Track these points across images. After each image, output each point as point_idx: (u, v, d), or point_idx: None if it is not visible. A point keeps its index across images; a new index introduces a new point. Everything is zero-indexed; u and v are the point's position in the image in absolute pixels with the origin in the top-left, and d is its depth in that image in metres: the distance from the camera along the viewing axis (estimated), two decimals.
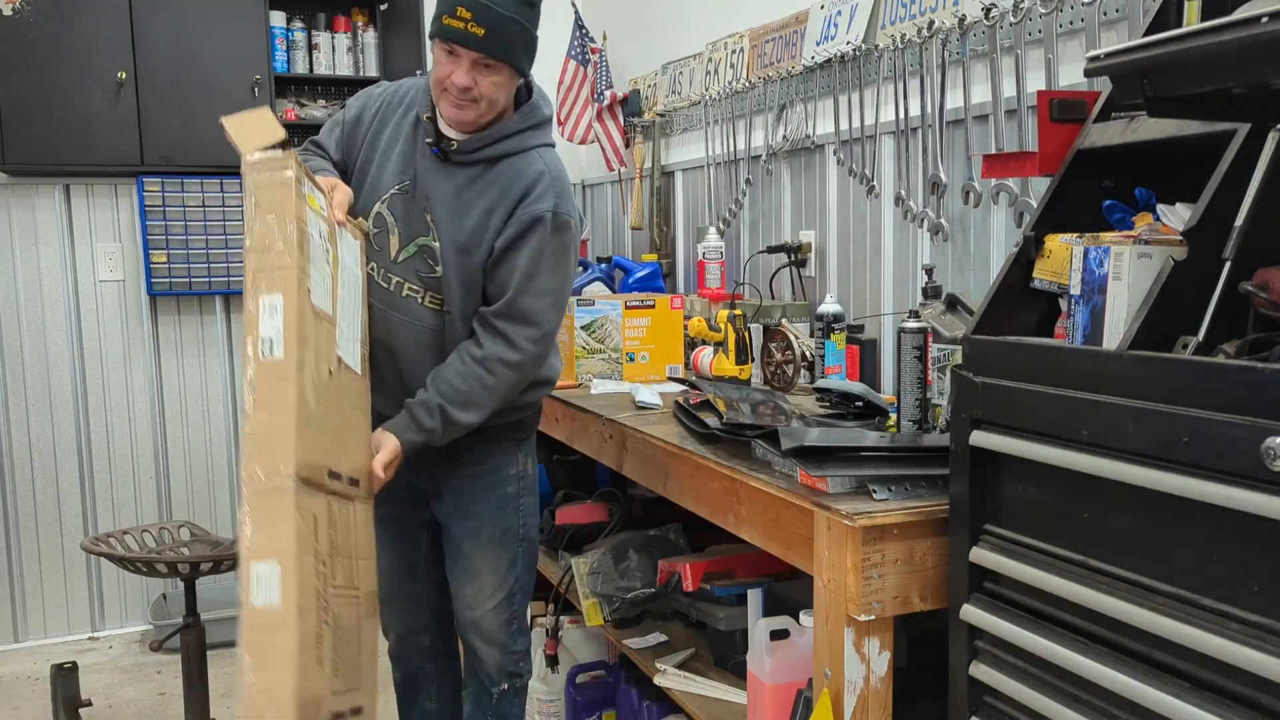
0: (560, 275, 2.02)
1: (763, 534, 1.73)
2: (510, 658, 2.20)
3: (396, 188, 2.00)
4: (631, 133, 3.84)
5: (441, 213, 1.98)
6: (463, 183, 1.98)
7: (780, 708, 1.82)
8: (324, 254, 1.69)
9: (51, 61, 3.51)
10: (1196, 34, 1.03)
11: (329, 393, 1.65)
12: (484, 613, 2.15)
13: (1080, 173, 1.47)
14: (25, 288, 3.79)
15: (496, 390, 1.97)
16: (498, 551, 2.14)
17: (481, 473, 2.13)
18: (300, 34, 3.92)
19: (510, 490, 2.15)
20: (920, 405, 1.81)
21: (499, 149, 1.99)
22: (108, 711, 3.31)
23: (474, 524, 2.13)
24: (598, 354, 2.75)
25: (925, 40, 2.26)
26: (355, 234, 1.90)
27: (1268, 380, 0.99)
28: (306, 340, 1.58)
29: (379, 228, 2.01)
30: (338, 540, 1.64)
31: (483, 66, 1.89)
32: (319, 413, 1.59)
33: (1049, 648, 1.27)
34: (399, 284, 2.00)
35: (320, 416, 1.60)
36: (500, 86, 1.93)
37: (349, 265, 1.82)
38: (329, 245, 1.72)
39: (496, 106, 1.96)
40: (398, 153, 2.02)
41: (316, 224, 1.68)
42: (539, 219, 1.96)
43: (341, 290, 1.75)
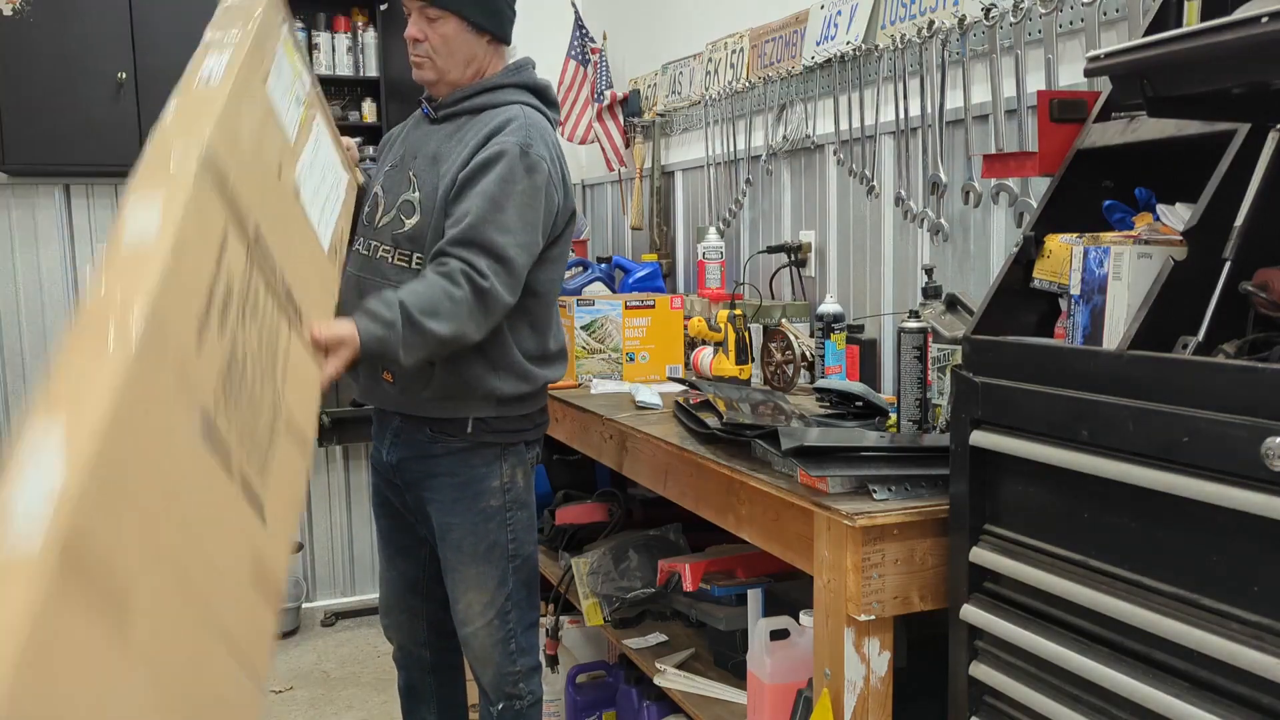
0: (529, 216, 1.90)
1: (763, 534, 1.73)
2: (506, 678, 2.12)
3: (389, 166, 2.07)
4: (631, 133, 3.84)
5: (423, 164, 2.00)
6: (446, 134, 2.02)
7: (780, 708, 1.82)
8: (291, 92, 1.60)
9: (51, 61, 3.51)
10: (1196, 34, 1.03)
11: (272, 185, 1.51)
12: (474, 630, 2.09)
13: (1080, 173, 1.47)
14: (25, 288, 3.79)
15: (461, 304, 1.81)
16: (482, 567, 2.06)
17: (460, 483, 2.05)
18: (300, 34, 3.92)
19: (493, 504, 2.06)
20: (920, 405, 1.81)
21: (480, 100, 2.02)
22: None
23: (455, 537, 2.06)
24: (598, 354, 2.75)
25: (925, 40, 2.26)
26: (346, 168, 1.86)
27: (1268, 380, 0.99)
28: (251, 99, 1.45)
29: (372, 204, 2.05)
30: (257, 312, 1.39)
31: (429, 18, 1.96)
32: (251, 160, 1.41)
33: (1049, 648, 1.27)
34: (375, 247, 2.02)
35: (252, 167, 1.42)
36: (450, 39, 1.97)
37: (325, 160, 1.75)
38: (302, 105, 1.64)
39: (455, 62, 2.00)
40: (398, 143, 2.12)
41: (286, 73, 1.59)
42: (506, 150, 1.90)
43: (310, 156, 1.68)
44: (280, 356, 1.48)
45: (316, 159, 1.72)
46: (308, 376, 1.60)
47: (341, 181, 1.84)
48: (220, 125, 1.35)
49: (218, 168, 1.32)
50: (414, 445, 2.07)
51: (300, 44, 1.72)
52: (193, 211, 1.23)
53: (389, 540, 2.25)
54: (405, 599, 2.26)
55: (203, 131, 1.30)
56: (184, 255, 1.18)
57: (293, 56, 1.63)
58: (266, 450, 1.38)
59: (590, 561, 2.55)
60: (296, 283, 1.57)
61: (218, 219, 1.32)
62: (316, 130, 1.73)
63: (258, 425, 1.36)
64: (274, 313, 1.48)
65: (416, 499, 2.12)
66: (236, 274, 1.34)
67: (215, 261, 1.27)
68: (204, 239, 1.27)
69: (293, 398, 1.51)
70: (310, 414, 1.59)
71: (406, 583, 2.25)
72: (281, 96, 1.58)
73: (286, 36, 1.62)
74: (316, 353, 1.62)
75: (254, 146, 1.46)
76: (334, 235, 1.76)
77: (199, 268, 1.24)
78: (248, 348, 1.35)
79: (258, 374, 1.38)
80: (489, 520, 2.06)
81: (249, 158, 1.43)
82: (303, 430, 1.52)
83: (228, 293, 1.31)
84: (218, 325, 1.26)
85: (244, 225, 1.39)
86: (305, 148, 1.67)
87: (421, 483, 2.08)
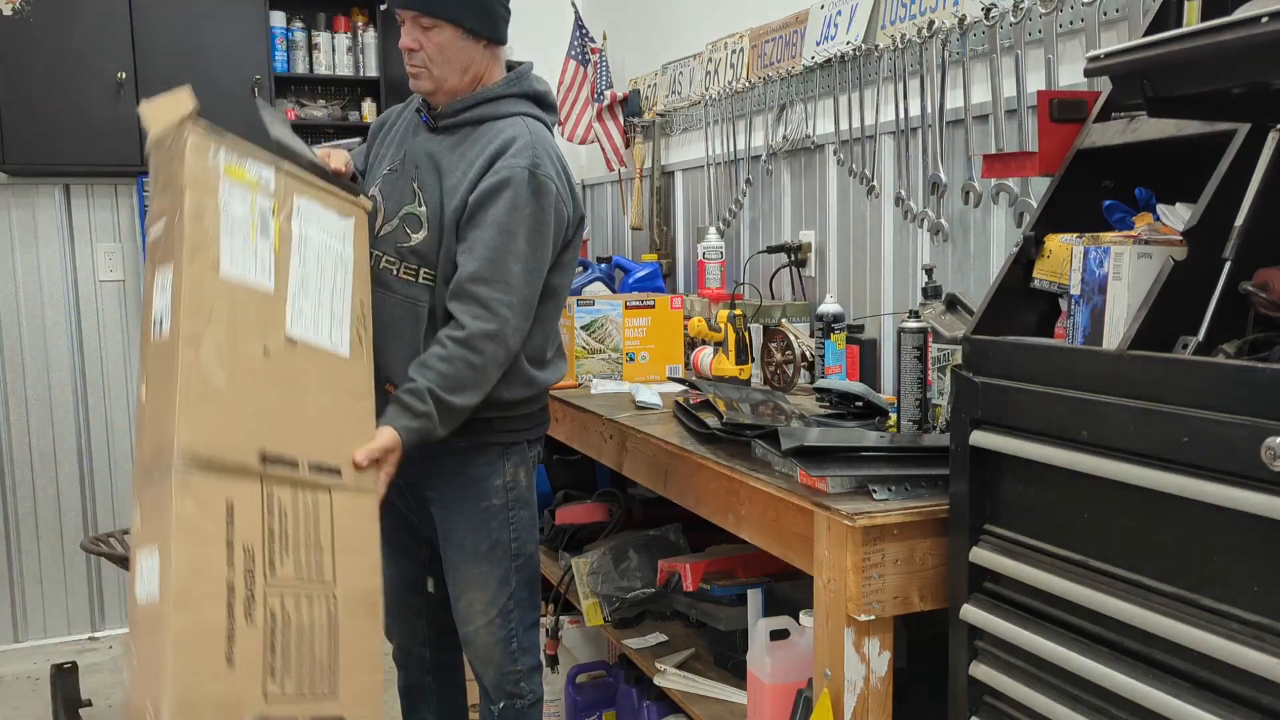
0: (538, 241, 1.94)
1: (763, 534, 1.73)
2: (508, 677, 2.12)
3: (388, 169, 2.05)
4: (631, 133, 3.84)
5: (427, 177, 1.98)
6: (448, 146, 2.00)
7: (780, 708, 1.82)
8: (254, 227, 1.59)
9: (51, 61, 3.51)
10: (1196, 34, 1.03)
11: (265, 373, 1.56)
12: (475, 629, 2.09)
13: (1080, 173, 1.47)
14: (25, 288, 3.79)
15: (485, 369, 1.90)
16: (484, 566, 2.06)
17: (464, 482, 2.05)
18: (300, 34, 3.92)
19: (496, 502, 2.06)
20: (920, 405, 1.81)
21: (481, 111, 2.00)
22: (108, 711, 3.31)
23: (457, 536, 2.07)
24: (598, 354, 2.75)
25: (925, 40, 2.26)
26: (348, 209, 1.81)
27: (1268, 380, 0.99)
28: (207, 314, 1.48)
29: (371, 211, 2.01)
30: (287, 531, 1.53)
31: (423, 27, 1.94)
32: (233, 392, 1.50)
33: (1049, 648, 1.27)
34: (378, 258, 1.99)
35: (239, 396, 1.51)
36: (445, 48, 1.95)
37: (319, 241, 1.72)
38: (271, 219, 1.63)
39: (452, 70, 1.97)
40: (394, 142, 2.09)
41: (241, 195, 1.58)
42: (514, 176, 1.91)
43: (301, 267, 1.66)
44: (326, 535, 1.61)
45: (307, 262, 1.68)
46: (362, 528, 1.69)
47: (347, 238, 1.79)
48: (186, 410, 1.44)
49: (198, 456, 1.44)
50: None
51: (243, 147, 1.63)
52: (187, 539, 1.39)
53: (388, 539, 2.24)
54: (405, 598, 2.26)
55: (171, 437, 1.42)
56: (190, 597, 1.38)
57: (239, 173, 1.59)
58: (332, 659, 1.56)
59: (590, 561, 2.55)
60: (322, 443, 1.65)
61: (217, 504, 1.45)
62: (299, 220, 1.69)
63: (315, 654, 1.54)
64: (307, 505, 1.59)
65: (419, 499, 2.12)
66: (254, 528, 1.49)
67: (225, 559, 1.44)
68: (207, 551, 1.42)
69: (349, 563, 1.63)
70: (371, 564, 1.69)
71: (405, 581, 2.25)
72: (242, 253, 1.56)
73: (226, 160, 1.58)
74: (369, 470, 1.74)
75: (230, 365, 1.51)
76: (352, 314, 1.76)
77: (211, 586, 1.41)
78: (284, 598, 1.51)
79: (303, 603, 1.54)
80: (492, 519, 2.06)
81: (229, 384, 1.50)
82: (366, 593, 1.66)
83: (249, 563, 1.47)
84: (244, 616, 1.44)
85: (245, 465, 1.51)
86: (291, 266, 1.64)
87: (423, 482, 2.08)
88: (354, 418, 1.74)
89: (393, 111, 2.20)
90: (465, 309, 1.90)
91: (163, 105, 1.61)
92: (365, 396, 1.78)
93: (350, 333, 1.75)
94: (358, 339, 1.76)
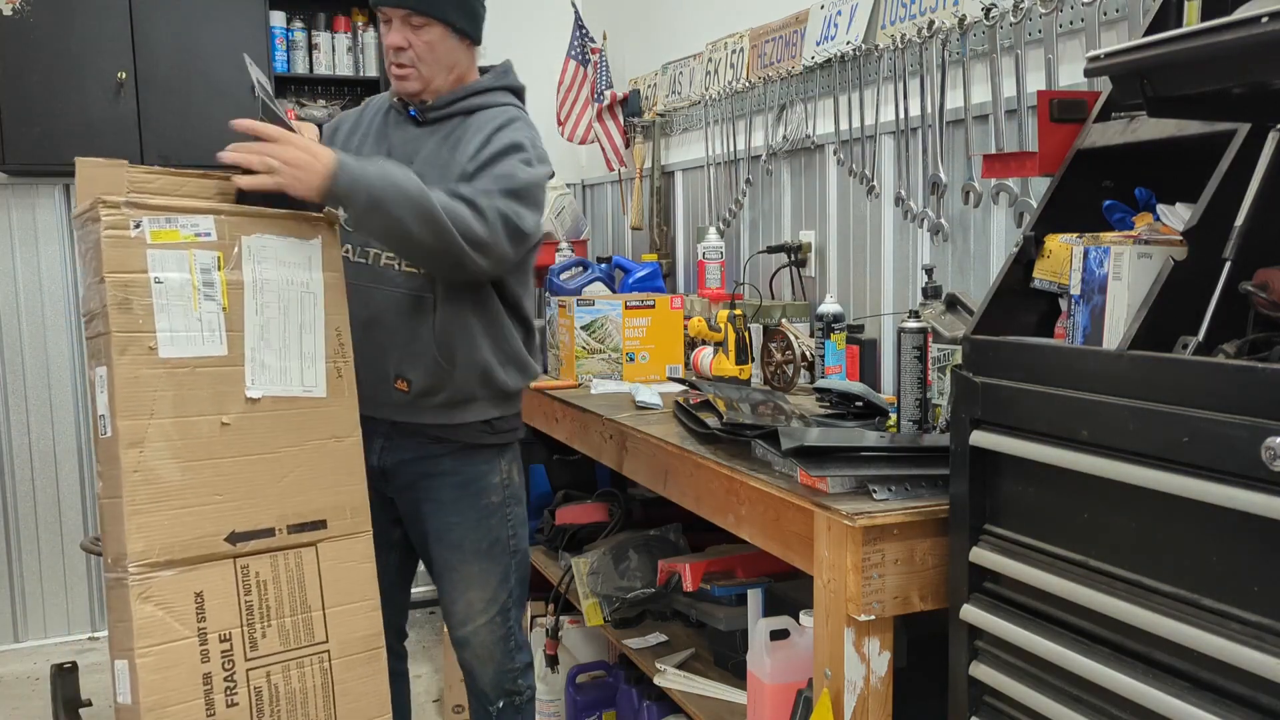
0: (533, 199, 1.94)
1: (763, 534, 1.73)
2: (507, 675, 2.13)
3: None
4: (631, 133, 3.84)
5: (426, 171, 1.95)
6: (439, 139, 2.01)
7: (780, 708, 1.82)
8: (195, 291, 1.54)
9: (51, 61, 3.51)
10: (1196, 34, 1.03)
11: (225, 447, 1.53)
12: (475, 628, 2.09)
13: (1080, 173, 1.47)
14: (25, 288, 3.79)
15: (446, 221, 1.78)
16: (485, 564, 2.07)
17: (462, 482, 2.06)
18: (300, 34, 3.92)
19: (494, 500, 2.08)
20: (920, 405, 1.81)
21: (474, 102, 2.02)
22: (108, 711, 3.31)
23: (456, 535, 2.06)
24: (598, 354, 2.75)
25: (925, 40, 2.26)
26: (310, 231, 1.69)
27: (1268, 380, 0.99)
28: (147, 407, 1.46)
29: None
30: (268, 602, 1.54)
31: (413, 26, 1.94)
32: (188, 481, 1.48)
33: (1049, 648, 1.27)
34: (376, 255, 1.98)
35: (196, 483, 1.49)
36: (434, 46, 1.96)
37: (279, 279, 1.64)
38: (216, 274, 1.57)
39: (439, 69, 1.98)
40: (369, 141, 2.07)
41: (176, 259, 1.52)
42: (520, 143, 1.94)
43: (258, 316, 1.60)
44: (314, 594, 1.62)
45: (266, 309, 1.62)
46: (354, 574, 1.68)
47: (313, 263, 1.68)
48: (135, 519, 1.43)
49: (155, 562, 1.44)
50: (411, 448, 2.06)
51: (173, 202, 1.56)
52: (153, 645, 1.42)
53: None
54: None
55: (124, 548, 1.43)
56: (163, 703, 1.42)
57: (170, 236, 1.53)
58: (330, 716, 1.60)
59: (590, 561, 2.55)
60: (302, 499, 1.62)
61: (185, 600, 1.46)
62: (251, 263, 1.61)
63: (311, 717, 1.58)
64: (290, 569, 1.59)
65: (410, 502, 2.11)
66: (230, 610, 1.51)
67: (198, 652, 1.47)
68: (176, 653, 1.45)
69: (343, 614, 1.64)
70: (368, 606, 1.69)
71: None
72: (184, 326, 1.52)
73: (151, 228, 1.52)
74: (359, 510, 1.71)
75: (183, 454, 1.49)
76: (328, 347, 1.69)
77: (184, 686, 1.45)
78: (270, 672, 1.53)
79: (292, 671, 1.56)
80: (490, 517, 2.07)
81: (183, 475, 1.49)
82: (366, 638, 1.68)
83: (225, 648, 1.49)
84: (225, 704, 1.48)
85: (212, 552, 1.51)
86: (246, 320, 1.59)
87: (417, 484, 2.08)
88: (336, 460, 1.69)
89: (348, 116, 2.18)
90: (460, 192, 1.86)
91: (94, 174, 1.57)
92: (349, 434, 1.72)
93: (326, 368, 1.69)
94: (335, 373, 1.70)
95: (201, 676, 1.46)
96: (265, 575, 1.55)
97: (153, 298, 1.49)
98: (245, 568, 1.53)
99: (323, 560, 1.62)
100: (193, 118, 3.62)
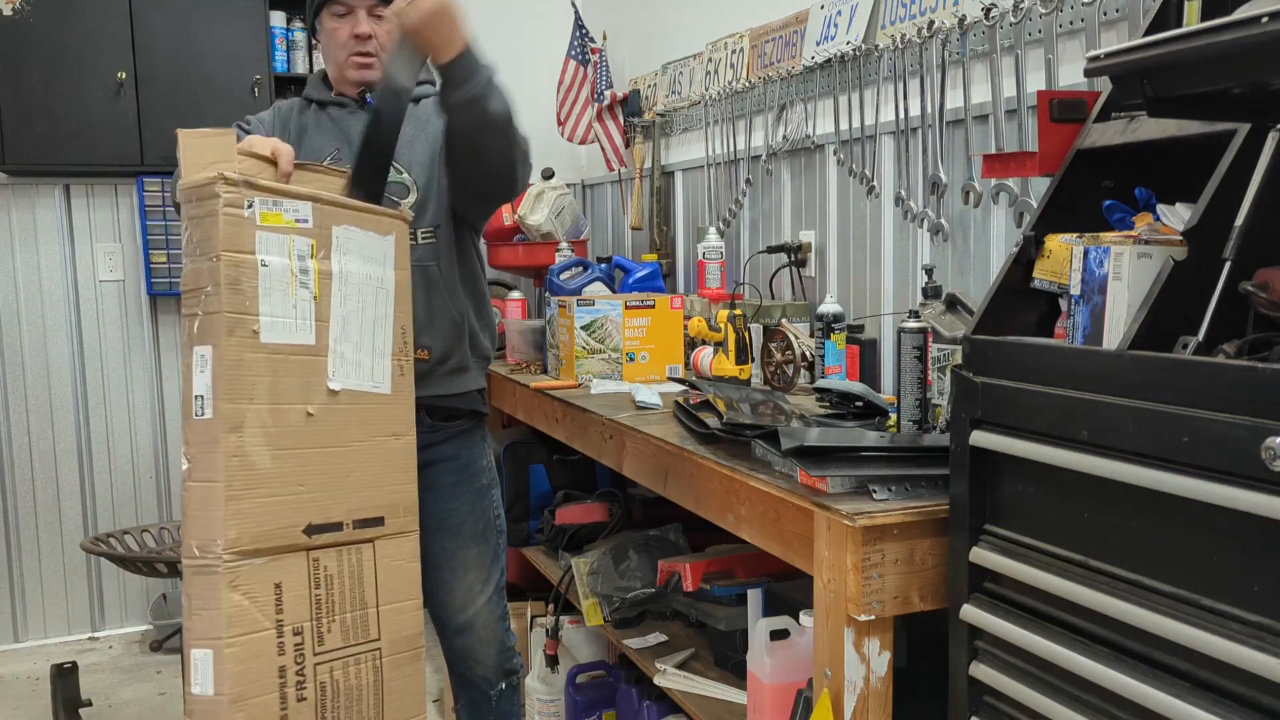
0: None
1: (763, 534, 1.73)
2: (506, 654, 2.20)
3: (329, 160, 1.98)
4: (631, 133, 3.84)
5: (400, 146, 1.94)
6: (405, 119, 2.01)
7: (780, 708, 1.82)
8: (293, 277, 1.55)
9: (51, 61, 3.51)
10: (1196, 34, 1.03)
11: (308, 438, 1.54)
12: (477, 610, 2.14)
13: (1080, 173, 1.47)
14: (25, 288, 3.79)
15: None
16: (480, 546, 2.15)
17: (460, 466, 2.13)
18: (300, 34, 3.92)
19: (485, 482, 2.17)
20: (920, 405, 1.81)
21: (419, 90, 2.04)
22: (108, 711, 3.31)
23: (455, 521, 2.12)
24: (598, 354, 2.75)
25: (925, 40, 2.26)
26: (387, 226, 1.73)
27: (1268, 380, 0.99)
28: (248, 391, 1.46)
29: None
30: (333, 597, 1.55)
31: (377, 17, 2.00)
32: (277, 470, 1.49)
33: (1049, 648, 1.27)
34: None
35: (283, 473, 1.49)
36: (391, 35, 1.97)
37: (360, 273, 1.66)
38: (310, 261, 1.58)
39: None
40: (309, 142, 2.06)
41: (278, 243, 1.53)
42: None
43: (341, 308, 1.62)
44: (370, 592, 1.62)
45: (348, 301, 1.62)
46: (402, 571, 1.69)
47: (388, 259, 1.72)
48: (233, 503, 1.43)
49: (245, 550, 1.44)
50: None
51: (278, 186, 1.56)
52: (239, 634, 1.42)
53: None
54: None
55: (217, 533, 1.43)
56: (245, 693, 1.41)
57: (275, 219, 1.54)
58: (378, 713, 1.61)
59: (590, 561, 2.55)
60: (364, 495, 1.62)
61: (266, 591, 1.46)
62: (338, 254, 1.62)
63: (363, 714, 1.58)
64: (352, 565, 1.60)
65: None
66: (303, 604, 1.51)
67: (276, 645, 1.46)
68: (258, 644, 1.45)
69: (392, 612, 1.65)
70: (413, 605, 1.70)
71: None
72: (282, 312, 1.52)
73: (261, 209, 1.52)
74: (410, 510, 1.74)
75: (274, 441, 1.49)
76: (394, 345, 1.70)
77: (264, 677, 1.45)
78: (333, 668, 1.54)
79: (350, 668, 1.57)
80: (482, 499, 2.16)
81: (273, 463, 1.48)
82: (410, 637, 1.69)
83: (298, 642, 1.50)
84: (296, 698, 1.48)
85: (292, 543, 1.51)
86: (331, 310, 1.59)
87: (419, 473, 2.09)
88: (394, 458, 1.71)
89: (273, 117, 2.13)
90: None
91: (202, 144, 1.55)
92: (406, 433, 1.75)
93: (392, 366, 1.71)
94: (399, 371, 1.72)
95: (278, 670, 1.45)
96: (332, 570, 1.55)
97: (259, 280, 1.49)
98: (316, 561, 1.53)
99: (379, 557, 1.63)
100: (193, 118, 3.59)
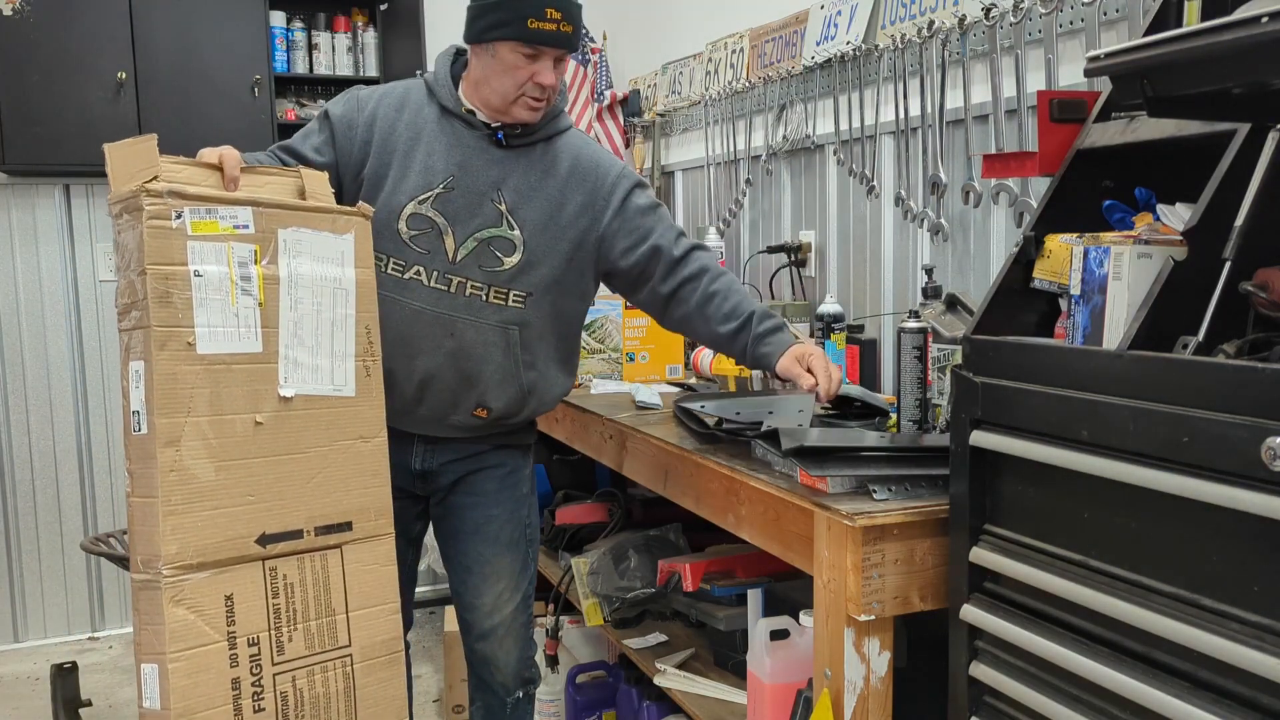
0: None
1: (763, 534, 1.73)
2: (526, 662, 2.17)
3: (441, 186, 1.91)
4: (631, 133, 3.84)
5: (515, 199, 1.93)
6: (525, 166, 1.96)
7: (780, 708, 1.82)
8: (233, 285, 1.51)
9: (51, 61, 3.50)
10: (1196, 34, 1.04)
11: (258, 447, 1.51)
12: (504, 616, 2.11)
13: (1080, 173, 1.47)
14: (25, 288, 3.78)
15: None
16: (513, 554, 2.11)
17: (507, 473, 2.09)
18: (300, 34, 3.92)
19: (525, 490, 2.14)
20: (920, 405, 1.81)
21: (551, 127, 2.00)
22: (108, 711, 3.31)
23: (495, 527, 2.08)
24: (598, 354, 2.75)
25: (925, 40, 2.26)
26: (344, 224, 1.66)
27: (1268, 380, 0.99)
28: (184, 405, 1.43)
29: (421, 229, 1.90)
30: (295, 606, 1.52)
31: (559, 62, 1.93)
32: (222, 481, 1.46)
33: (1049, 648, 1.27)
34: (460, 284, 1.92)
35: (230, 483, 1.47)
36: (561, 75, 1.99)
37: (312, 274, 1.61)
38: (253, 267, 1.53)
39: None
40: (427, 152, 1.94)
41: (215, 252, 1.49)
42: (633, 181, 2.04)
43: (293, 312, 1.57)
44: (338, 598, 1.60)
45: (300, 305, 1.59)
46: (376, 576, 1.67)
47: (346, 258, 1.66)
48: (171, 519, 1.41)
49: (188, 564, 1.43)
50: (454, 449, 2.05)
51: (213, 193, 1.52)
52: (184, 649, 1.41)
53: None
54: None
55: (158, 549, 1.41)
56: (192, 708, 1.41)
57: (209, 228, 1.49)
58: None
59: (590, 561, 2.55)
60: (329, 500, 1.60)
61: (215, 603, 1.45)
62: (287, 257, 1.58)
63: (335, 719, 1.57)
64: (316, 572, 1.58)
65: (449, 501, 2.10)
66: (258, 614, 1.49)
67: (227, 657, 1.45)
68: (206, 657, 1.44)
69: (365, 617, 1.63)
70: (389, 609, 1.68)
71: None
72: (222, 321, 1.49)
73: (192, 218, 1.48)
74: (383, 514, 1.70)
75: (218, 452, 1.47)
76: (358, 345, 1.66)
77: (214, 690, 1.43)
78: (295, 676, 1.53)
79: (316, 676, 1.55)
80: (521, 506, 2.13)
81: (217, 474, 1.47)
82: (386, 641, 1.66)
83: (254, 652, 1.48)
84: (252, 709, 1.46)
85: (243, 554, 1.49)
86: (281, 315, 1.56)
87: (460, 483, 2.08)
88: (362, 461, 1.66)
89: (369, 101, 1.99)
90: (692, 258, 2.03)
91: (127, 153, 1.52)
92: (375, 435, 1.69)
93: (355, 367, 1.66)
94: (364, 371, 1.68)
95: (230, 681, 1.44)
96: (293, 578, 1.53)
97: (192, 291, 1.46)
98: (274, 570, 1.51)
99: (347, 563, 1.61)
100: (193, 118, 3.62)
